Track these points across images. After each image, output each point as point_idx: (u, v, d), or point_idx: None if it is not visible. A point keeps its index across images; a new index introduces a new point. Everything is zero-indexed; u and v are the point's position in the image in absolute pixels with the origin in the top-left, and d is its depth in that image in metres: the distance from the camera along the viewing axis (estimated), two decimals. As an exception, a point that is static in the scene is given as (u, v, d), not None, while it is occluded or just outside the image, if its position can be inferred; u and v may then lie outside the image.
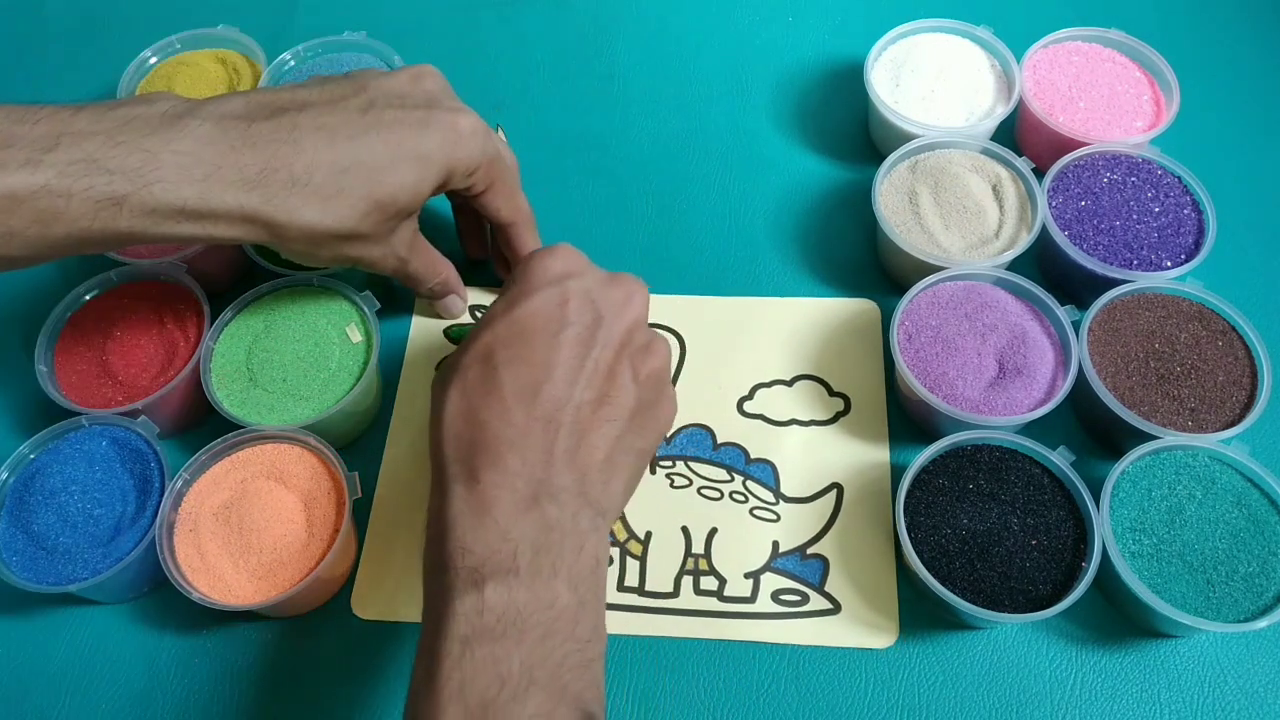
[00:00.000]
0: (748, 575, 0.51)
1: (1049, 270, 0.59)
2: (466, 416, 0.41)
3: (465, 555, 0.38)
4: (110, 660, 0.50)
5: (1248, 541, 0.47)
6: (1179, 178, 0.58)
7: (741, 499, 0.53)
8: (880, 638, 0.49)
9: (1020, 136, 0.65)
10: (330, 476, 0.50)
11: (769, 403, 0.56)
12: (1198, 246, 0.56)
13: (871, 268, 0.61)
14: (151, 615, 0.51)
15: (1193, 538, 0.47)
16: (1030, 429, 0.52)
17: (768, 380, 0.57)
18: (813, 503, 0.53)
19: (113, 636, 0.51)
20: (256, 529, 0.49)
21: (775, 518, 0.53)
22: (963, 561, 0.47)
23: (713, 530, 0.52)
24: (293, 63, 0.67)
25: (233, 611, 0.47)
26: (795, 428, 0.55)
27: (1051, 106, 0.62)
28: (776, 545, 0.52)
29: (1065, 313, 0.53)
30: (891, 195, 0.59)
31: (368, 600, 0.51)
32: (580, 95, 0.71)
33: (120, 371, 0.54)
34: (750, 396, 0.57)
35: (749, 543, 0.52)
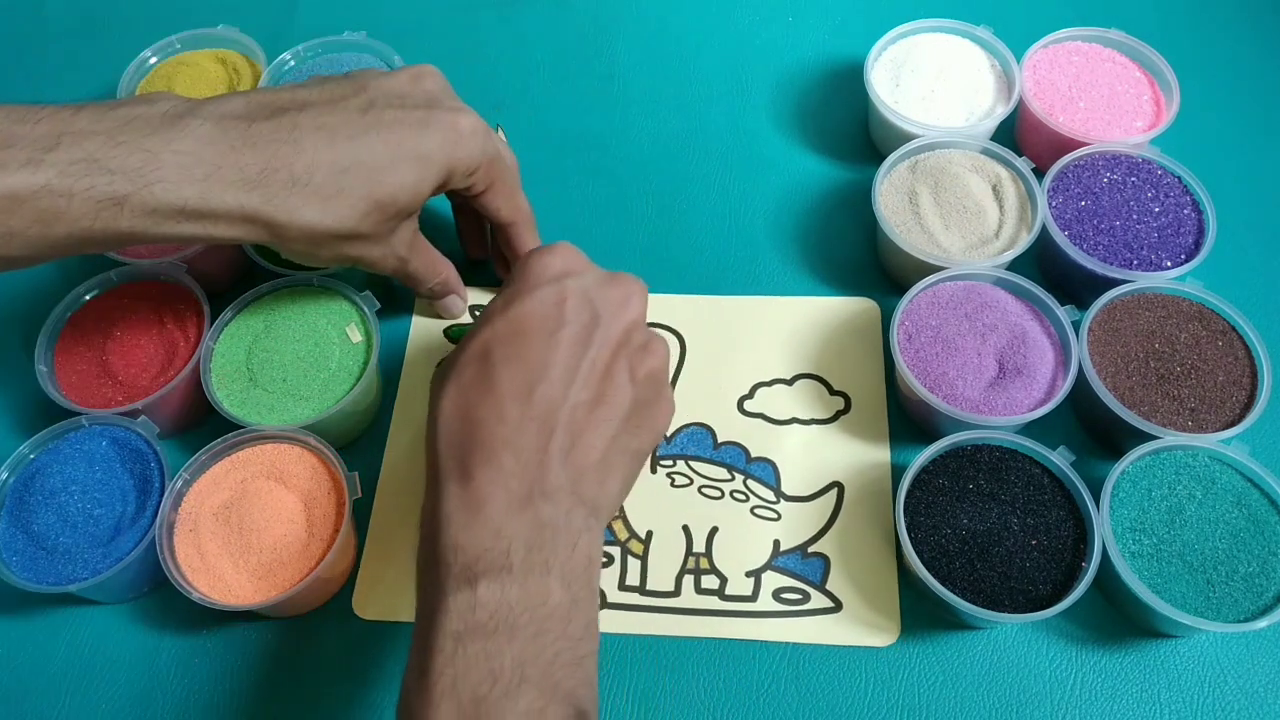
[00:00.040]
0: (749, 574, 0.51)
1: (1049, 270, 0.59)
2: (462, 414, 0.41)
3: (458, 552, 0.38)
4: (110, 660, 0.50)
5: (1248, 541, 0.47)
6: (1179, 178, 0.58)
7: (742, 498, 0.53)
8: (881, 636, 0.49)
9: (1020, 136, 0.65)
10: (330, 476, 0.50)
11: (769, 402, 0.56)
12: (1198, 246, 0.56)
13: (871, 268, 0.61)
14: (151, 615, 0.51)
15: (1193, 538, 0.47)
16: (1030, 429, 0.52)
17: (768, 379, 0.57)
18: (813, 501, 0.53)
19: (113, 636, 0.51)
20: (256, 529, 0.49)
21: (776, 516, 0.53)
22: (963, 561, 0.47)
23: (714, 529, 0.52)
24: (293, 63, 0.67)
25: (233, 611, 0.47)
26: (796, 426, 0.55)
27: (1051, 106, 0.62)
28: (777, 544, 0.52)
29: (1065, 313, 0.53)
30: (891, 195, 0.59)
31: (368, 600, 0.51)
32: (580, 95, 0.71)
33: (120, 371, 0.54)
34: (751, 395, 0.57)
35: (750, 541, 0.52)
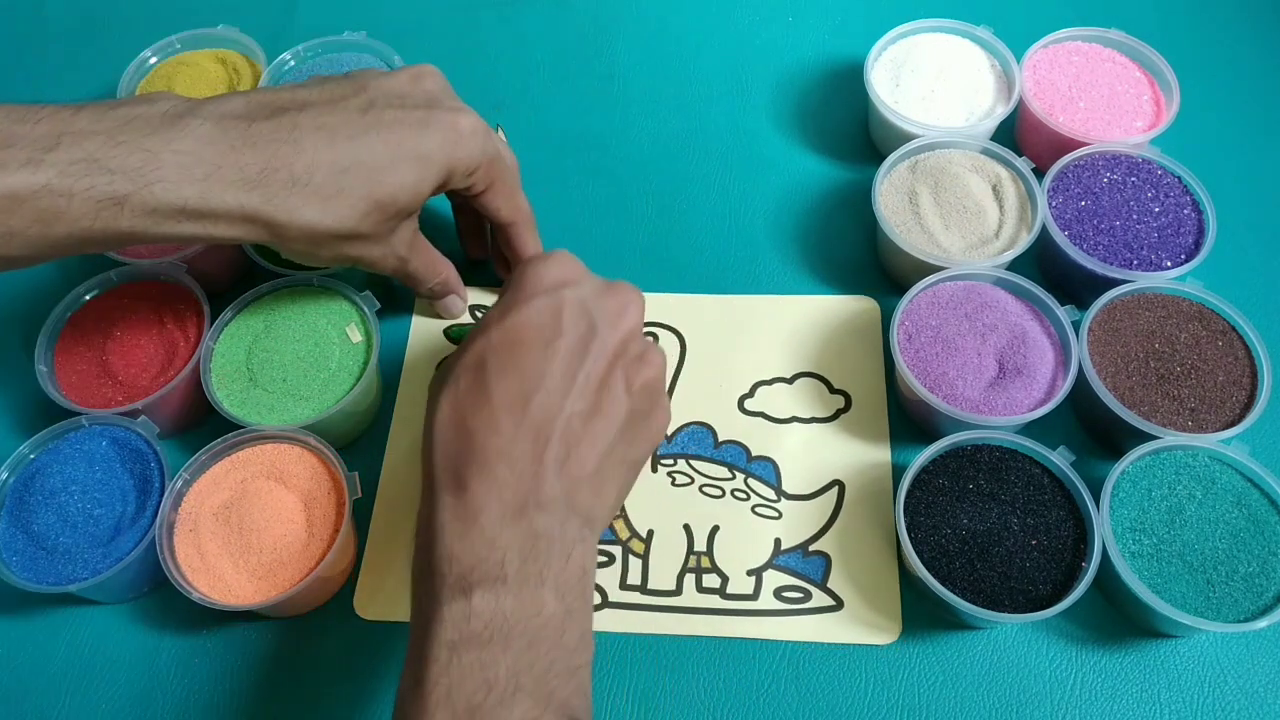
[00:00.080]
0: (750, 573, 0.51)
1: (1049, 270, 0.59)
2: (457, 425, 0.41)
3: (453, 562, 0.38)
4: (110, 660, 0.50)
5: (1248, 541, 0.47)
6: (1179, 178, 0.58)
7: (743, 496, 0.53)
8: (882, 635, 0.49)
9: (1020, 136, 0.65)
10: (330, 476, 0.50)
11: (770, 400, 0.56)
12: (1198, 246, 0.56)
13: (871, 268, 0.61)
14: (151, 615, 0.51)
15: (1193, 538, 0.47)
16: (1030, 429, 0.52)
17: (768, 378, 0.57)
18: (814, 500, 0.53)
19: (113, 636, 0.51)
20: (256, 529, 0.49)
21: (777, 515, 0.53)
22: (963, 561, 0.47)
23: (715, 528, 0.52)
24: (293, 63, 0.67)
25: (233, 611, 0.47)
26: (796, 425, 0.55)
27: (1051, 106, 0.62)
28: (778, 542, 0.52)
29: (1065, 313, 0.53)
30: (891, 195, 0.59)
31: (369, 600, 0.51)
32: (580, 95, 0.71)
33: (120, 371, 0.54)
34: (751, 394, 0.57)
35: (751, 540, 0.52)
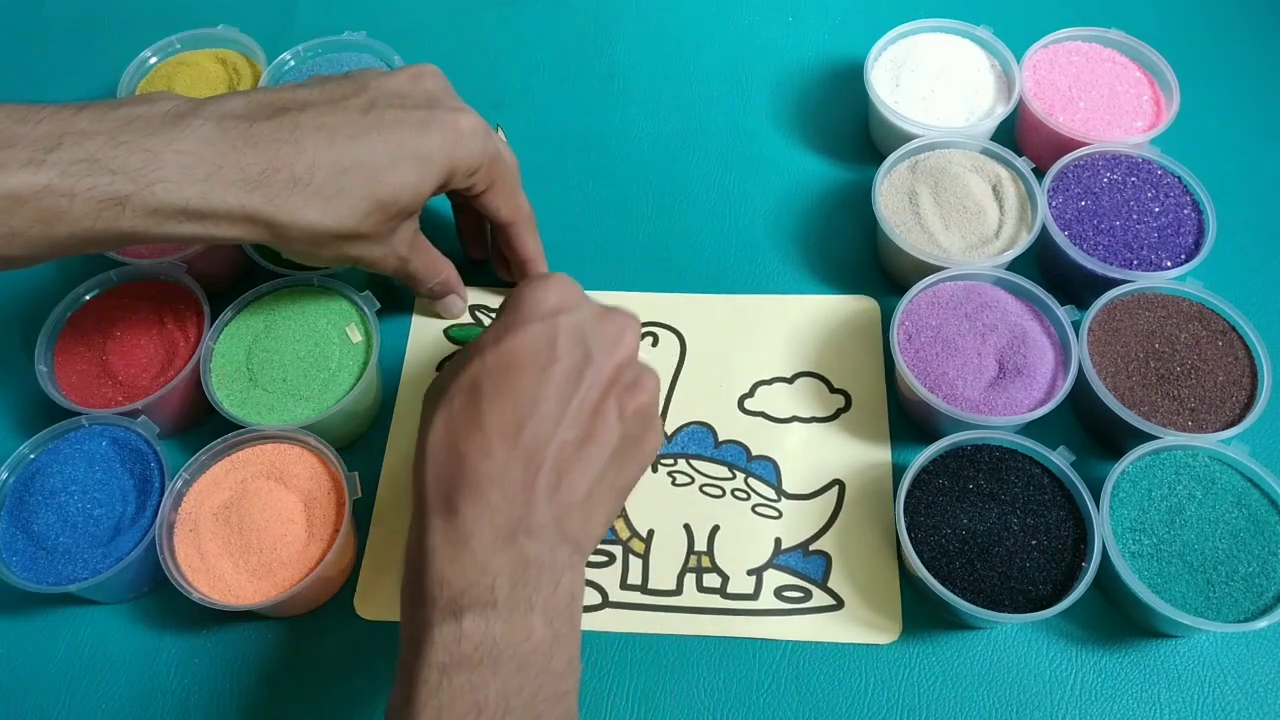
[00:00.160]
0: (750, 572, 0.51)
1: (1049, 270, 0.59)
2: (449, 448, 0.40)
3: (444, 585, 0.38)
4: (110, 660, 0.50)
5: (1248, 541, 0.47)
6: (1179, 178, 0.58)
7: (743, 496, 0.53)
8: (882, 634, 0.49)
9: (1020, 136, 0.65)
10: (330, 476, 0.50)
11: (770, 400, 0.56)
12: (1198, 246, 0.56)
13: (871, 268, 0.61)
14: (151, 615, 0.51)
15: (1193, 538, 0.47)
16: (1030, 429, 0.52)
17: (768, 377, 0.57)
18: (814, 499, 0.53)
19: (113, 636, 0.51)
20: (256, 529, 0.49)
21: (777, 514, 0.53)
22: (963, 561, 0.47)
23: (715, 528, 0.52)
24: (293, 63, 0.67)
25: (233, 611, 0.47)
26: (796, 425, 0.55)
27: (1051, 106, 0.62)
28: (779, 542, 0.52)
29: (1065, 313, 0.53)
30: (891, 195, 0.59)
31: (369, 600, 0.51)
32: (580, 95, 0.71)
33: (120, 371, 0.54)
34: (751, 394, 0.57)
35: (751, 540, 0.52)
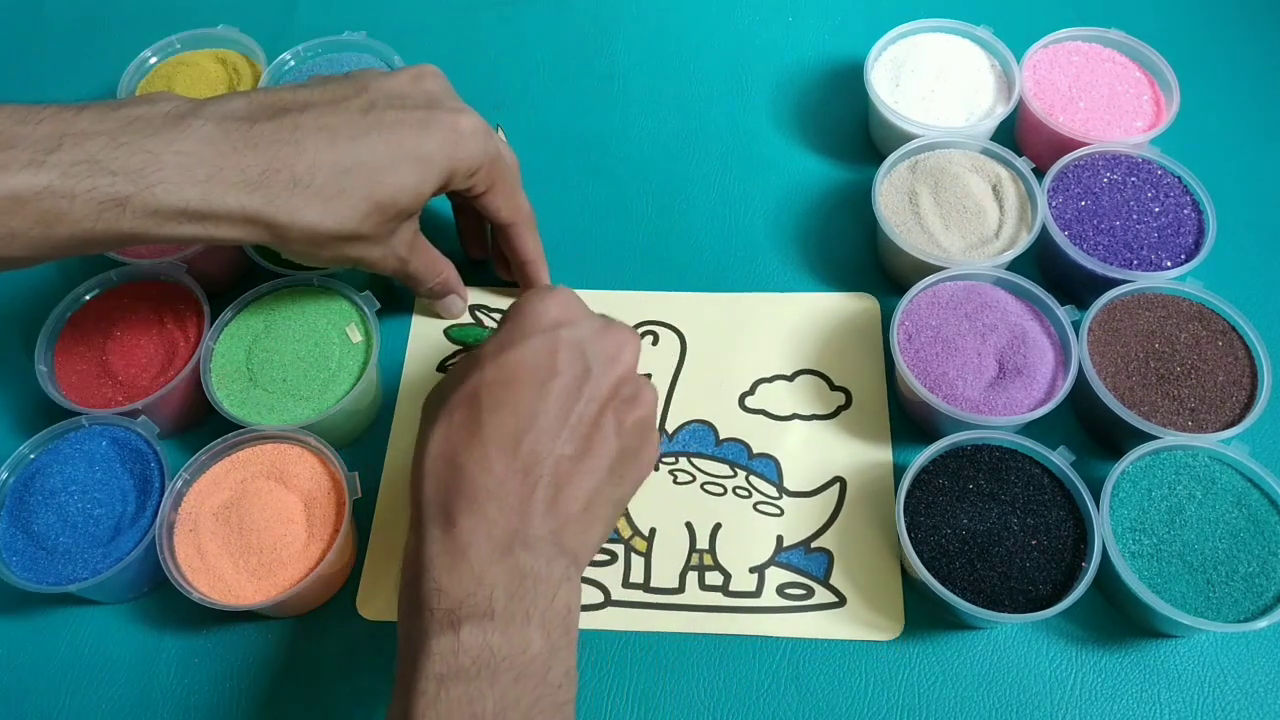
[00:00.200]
0: (752, 570, 0.51)
1: (1049, 270, 0.59)
2: (448, 459, 0.41)
3: (441, 596, 0.38)
4: (110, 660, 0.50)
5: (1248, 541, 0.47)
6: (1179, 178, 0.58)
7: (745, 494, 0.53)
8: (884, 631, 0.49)
9: (1020, 136, 0.65)
10: (330, 476, 0.50)
11: (770, 398, 0.56)
12: (1198, 246, 0.56)
13: (871, 267, 0.61)
14: (151, 615, 0.51)
15: (1193, 538, 0.47)
16: (1030, 429, 0.52)
17: (769, 375, 0.57)
18: (816, 497, 0.53)
19: (113, 636, 0.51)
20: (256, 529, 0.49)
21: (779, 512, 0.53)
22: (963, 561, 0.47)
23: (717, 525, 0.52)
24: (293, 63, 0.67)
25: (233, 611, 0.47)
26: (797, 422, 0.55)
27: (1051, 106, 0.62)
28: (780, 539, 0.52)
29: (1065, 313, 0.53)
30: (891, 195, 0.59)
31: (370, 600, 0.51)
32: (580, 95, 0.71)
33: (120, 371, 0.54)
34: (752, 392, 0.57)
35: (753, 537, 0.52)
